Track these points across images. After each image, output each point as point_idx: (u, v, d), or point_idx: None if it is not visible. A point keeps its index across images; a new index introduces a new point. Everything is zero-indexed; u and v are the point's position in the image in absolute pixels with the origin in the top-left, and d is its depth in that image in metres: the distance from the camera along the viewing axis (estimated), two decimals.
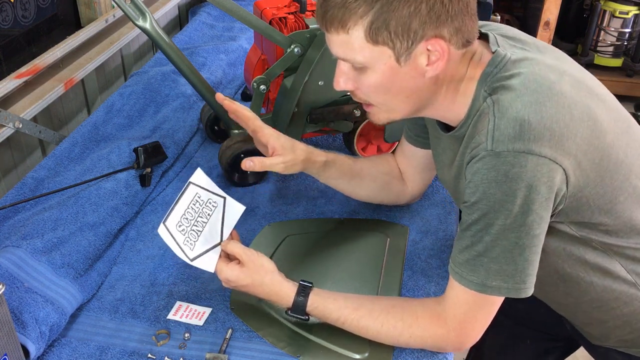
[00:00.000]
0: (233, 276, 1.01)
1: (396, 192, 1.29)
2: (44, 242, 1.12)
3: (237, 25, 2.19)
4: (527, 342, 1.39)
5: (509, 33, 0.98)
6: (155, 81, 1.74)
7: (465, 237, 0.90)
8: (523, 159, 0.82)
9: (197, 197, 1.07)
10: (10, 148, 1.50)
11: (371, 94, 0.95)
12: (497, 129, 0.84)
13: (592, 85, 0.93)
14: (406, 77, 0.90)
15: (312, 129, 1.42)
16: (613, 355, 1.12)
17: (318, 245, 1.26)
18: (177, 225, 1.02)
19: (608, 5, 3.55)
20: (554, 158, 0.83)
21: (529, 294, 0.90)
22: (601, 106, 0.90)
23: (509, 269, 0.88)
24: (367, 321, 0.99)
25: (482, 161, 0.85)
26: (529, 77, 0.87)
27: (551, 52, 0.96)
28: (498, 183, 0.84)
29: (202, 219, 1.05)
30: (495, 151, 0.83)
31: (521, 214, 0.84)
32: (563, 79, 0.88)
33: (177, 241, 1.01)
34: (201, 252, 1.03)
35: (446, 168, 1.06)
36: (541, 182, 0.83)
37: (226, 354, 1.02)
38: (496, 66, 0.90)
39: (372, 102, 0.97)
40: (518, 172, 0.82)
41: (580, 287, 1.01)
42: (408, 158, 1.25)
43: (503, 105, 0.85)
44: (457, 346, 0.97)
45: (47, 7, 1.66)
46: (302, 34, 1.32)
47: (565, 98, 0.86)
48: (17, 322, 0.96)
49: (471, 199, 0.88)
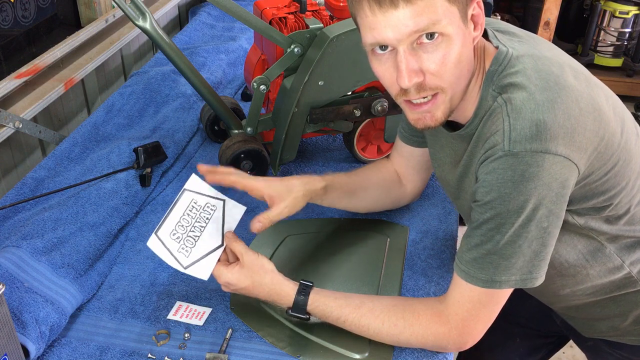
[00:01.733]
0: (233, 278, 1.01)
1: (396, 195, 1.29)
2: (44, 242, 1.12)
3: (237, 25, 2.19)
4: (516, 339, 1.40)
5: (502, 27, 0.99)
6: (155, 81, 1.74)
7: (475, 235, 0.91)
8: (540, 158, 0.83)
9: (194, 204, 1.06)
10: (10, 148, 1.50)
11: (446, 69, 0.85)
12: (514, 130, 0.84)
13: (588, 74, 0.95)
14: (468, 43, 0.87)
15: (312, 129, 1.42)
16: (602, 347, 1.13)
17: (318, 245, 1.27)
18: (170, 234, 1.02)
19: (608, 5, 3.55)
20: (568, 155, 0.84)
21: (536, 284, 0.91)
22: (601, 94, 0.92)
23: (517, 263, 0.89)
24: (368, 319, 0.99)
25: (499, 161, 0.85)
26: (535, 74, 0.87)
27: (544, 43, 0.97)
28: (514, 183, 0.84)
29: (199, 224, 1.05)
30: (513, 151, 0.84)
31: (532, 210, 0.85)
32: (565, 71, 0.89)
33: (170, 250, 1.01)
34: (197, 258, 1.03)
35: (447, 166, 1.06)
36: (554, 179, 0.84)
37: (226, 354, 1.02)
38: (500, 64, 0.90)
39: (443, 83, 0.87)
40: (535, 172, 0.83)
41: (576, 279, 1.02)
42: (405, 158, 1.25)
43: (516, 105, 0.85)
44: (459, 345, 0.97)
45: (47, 7, 1.66)
46: (302, 34, 1.32)
47: (572, 91, 0.86)
48: (17, 322, 0.96)
49: (485, 198, 0.88)
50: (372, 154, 1.52)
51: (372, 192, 1.26)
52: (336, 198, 1.21)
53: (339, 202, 1.23)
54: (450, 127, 1.01)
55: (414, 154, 1.22)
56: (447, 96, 0.89)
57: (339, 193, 1.20)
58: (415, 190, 1.30)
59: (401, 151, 1.25)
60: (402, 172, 1.27)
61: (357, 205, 1.27)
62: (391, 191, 1.28)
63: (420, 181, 1.29)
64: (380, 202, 1.28)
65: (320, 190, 1.16)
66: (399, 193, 1.29)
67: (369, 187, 1.25)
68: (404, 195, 1.30)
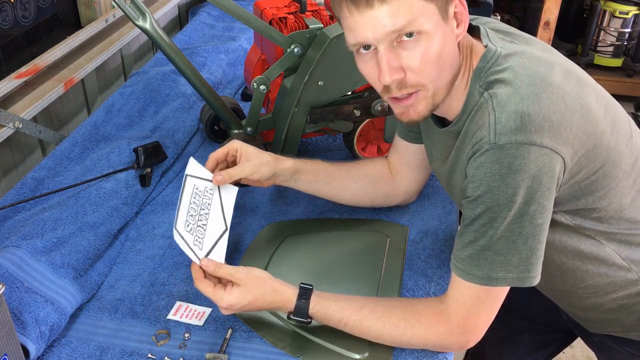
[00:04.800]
0: (234, 299, 0.99)
1: (385, 191, 1.29)
2: (44, 242, 1.12)
3: (237, 25, 2.19)
4: (524, 334, 1.41)
5: (498, 26, 1.00)
6: (155, 81, 1.74)
7: (468, 232, 0.91)
8: (525, 150, 0.83)
9: (196, 189, 1.08)
10: (10, 148, 1.50)
11: (426, 67, 0.87)
12: (499, 123, 0.85)
13: (581, 75, 0.95)
14: (449, 40, 0.88)
15: (312, 129, 1.42)
16: (608, 343, 1.14)
17: (318, 245, 1.27)
18: (185, 226, 1.04)
19: (608, 5, 3.56)
20: (555, 148, 0.84)
21: (534, 283, 0.91)
22: (591, 94, 0.92)
23: (513, 260, 0.89)
24: (370, 321, 0.99)
25: (485, 155, 0.86)
26: (521, 71, 0.88)
27: (539, 44, 0.98)
28: (502, 176, 0.85)
29: (204, 211, 1.07)
30: (498, 144, 0.84)
31: (524, 204, 0.86)
32: (554, 70, 0.90)
33: (188, 244, 1.03)
34: (209, 248, 1.04)
35: (438, 162, 1.07)
36: (543, 172, 0.84)
37: (226, 354, 1.02)
38: (488, 61, 0.91)
39: (424, 80, 0.89)
40: (521, 164, 0.84)
41: (576, 275, 1.03)
42: (401, 155, 1.25)
43: (502, 99, 0.86)
44: (461, 344, 0.97)
45: (47, 7, 1.66)
46: (302, 34, 1.32)
47: (558, 89, 0.87)
48: (17, 322, 0.96)
49: (475, 193, 0.88)
50: (372, 154, 1.52)
51: (356, 183, 1.26)
52: (309, 180, 1.22)
53: (316, 187, 1.23)
54: (440, 124, 1.02)
55: (410, 150, 1.22)
56: (429, 92, 0.91)
57: (313, 176, 1.21)
58: (410, 189, 1.30)
59: (397, 146, 1.25)
60: (397, 168, 1.27)
61: (337, 194, 1.27)
62: (378, 186, 1.27)
63: (416, 181, 1.29)
64: (365, 195, 1.28)
65: (288, 169, 1.18)
66: (388, 189, 1.28)
67: (353, 177, 1.25)
68: (395, 192, 1.29)
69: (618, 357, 1.15)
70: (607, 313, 1.08)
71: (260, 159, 1.15)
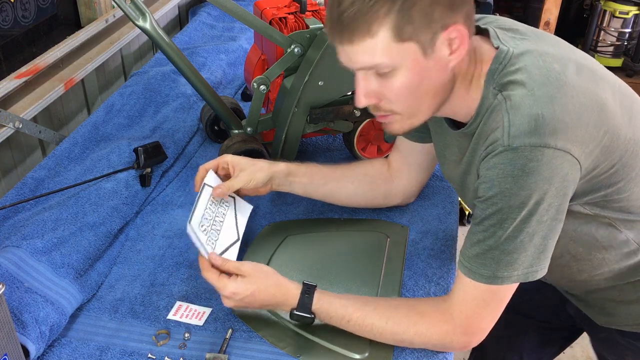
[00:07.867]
0: (238, 287, 1.00)
1: (383, 192, 1.29)
2: (44, 242, 1.12)
3: (237, 25, 2.19)
4: (528, 332, 1.41)
5: (506, 24, 0.99)
6: (155, 81, 1.74)
7: (478, 231, 0.91)
8: (539, 152, 0.83)
9: (212, 198, 1.12)
10: (10, 148, 1.50)
11: (400, 99, 0.90)
12: (513, 125, 0.85)
13: (595, 67, 0.94)
14: (432, 72, 0.89)
15: (312, 129, 1.42)
16: (616, 338, 1.13)
17: (318, 245, 1.27)
18: (199, 225, 1.05)
19: (608, 5, 3.56)
20: (568, 150, 0.84)
21: (538, 277, 0.91)
22: (606, 88, 0.91)
23: (519, 258, 0.89)
24: (372, 319, 0.99)
25: (499, 156, 0.86)
26: (535, 71, 0.87)
27: (549, 38, 0.97)
28: (514, 177, 0.85)
29: (219, 218, 1.10)
30: (512, 146, 0.84)
31: (534, 204, 0.86)
32: (568, 68, 0.89)
33: (200, 241, 1.03)
34: (221, 250, 1.06)
35: (452, 164, 1.07)
36: (555, 173, 0.84)
37: (226, 354, 1.02)
38: (500, 62, 0.91)
39: (397, 109, 0.92)
40: (535, 166, 0.84)
41: (592, 264, 1.03)
42: (403, 154, 1.25)
43: (515, 101, 0.86)
44: (464, 344, 0.97)
45: (47, 7, 1.66)
46: (302, 34, 1.32)
47: (573, 87, 0.87)
48: (17, 322, 0.96)
49: (487, 194, 0.88)
50: (372, 154, 1.52)
51: (352, 184, 1.26)
52: (305, 182, 1.23)
53: (312, 189, 1.24)
54: (455, 126, 1.02)
55: (414, 150, 1.22)
56: (404, 116, 0.94)
57: (307, 178, 1.23)
58: (409, 190, 1.30)
59: (400, 146, 1.25)
60: (398, 168, 1.27)
61: (334, 196, 1.27)
62: (375, 186, 1.27)
63: (415, 182, 1.29)
64: (363, 195, 1.28)
65: (282, 171, 1.20)
66: (386, 190, 1.28)
67: (349, 178, 1.26)
68: (394, 192, 1.29)
69: (626, 352, 1.14)
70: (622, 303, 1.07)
71: (254, 166, 1.18)
